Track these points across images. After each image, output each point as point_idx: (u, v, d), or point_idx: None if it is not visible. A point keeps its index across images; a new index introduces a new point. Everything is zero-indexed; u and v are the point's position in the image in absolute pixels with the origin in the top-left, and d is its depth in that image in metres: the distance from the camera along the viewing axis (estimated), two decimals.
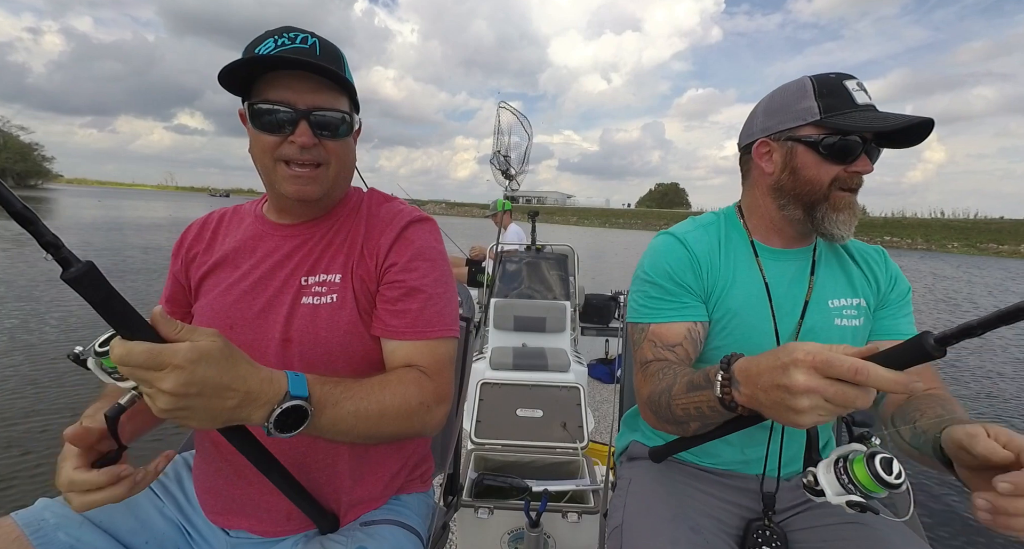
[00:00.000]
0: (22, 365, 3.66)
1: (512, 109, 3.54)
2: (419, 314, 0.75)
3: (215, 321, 0.75)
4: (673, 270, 0.84)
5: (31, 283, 6.23)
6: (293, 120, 0.70)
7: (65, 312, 5.02)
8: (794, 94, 0.79)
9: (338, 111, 0.73)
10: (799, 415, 0.51)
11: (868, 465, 0.51)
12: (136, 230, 15.79)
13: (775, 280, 0.84)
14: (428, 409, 0.71)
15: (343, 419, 0.62)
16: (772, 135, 0.81)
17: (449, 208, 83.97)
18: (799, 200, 0.80)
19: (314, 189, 0.74)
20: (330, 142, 0.73)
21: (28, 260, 7.71)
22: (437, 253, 0.81)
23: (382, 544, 0.74)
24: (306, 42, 0.71)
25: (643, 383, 0.80)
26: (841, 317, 0.83)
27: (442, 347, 0.77)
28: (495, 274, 3.23)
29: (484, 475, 1.45)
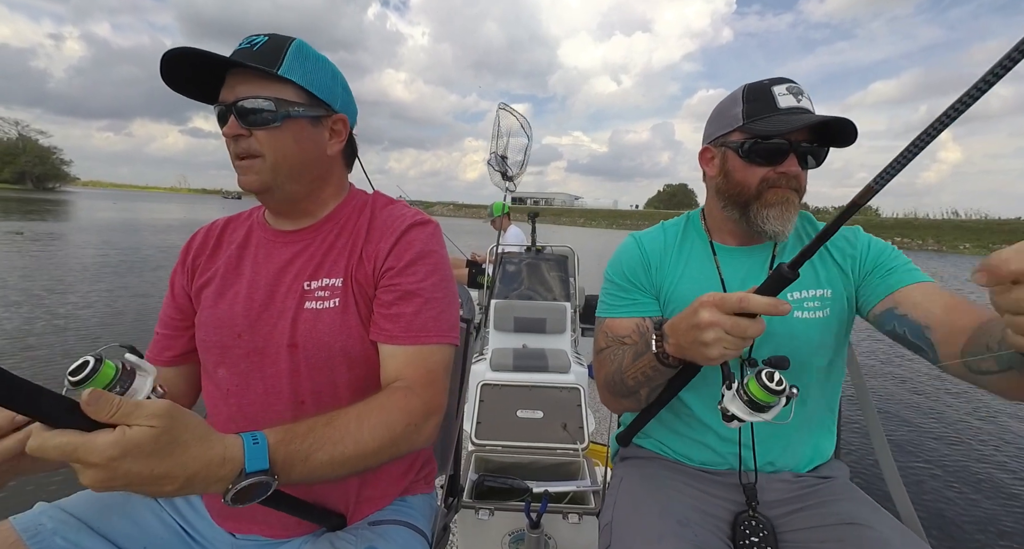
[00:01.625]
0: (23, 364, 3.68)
1: (512, 110, 3.55)
2: (414, 318, 0.74)
3: (228, 331, 0.76)
4: (626, 269, 0.93)
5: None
6: (226, 114, 0.72)
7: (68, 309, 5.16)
8: (729, 102, 0.85)
9: (263, 98, 0.71)
10: (708, 347, 0.61)
11: (758, 380, 0.61)
12: (153, 231, 16.43)
13: (731, 277, 0.88)
14: (416, 428, 0.69)
15: (317, 470, 0.59)
16: (712, 141, 0.87)
17: (457, 209, 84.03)
18: (734, 201, 0.85)
19: (251, 179, 0.74)
20: (260, 132, 0.72)
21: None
22: (438, 257, 0.80)
23: (391, 544, 0.75)
24: (253, 43, 0.72)
25: (599, 369, 0.90)
26: (802, 310, 0.84)
27: (436, 355, 0.75)
28: (495, 275, 3.24)
29: (485, 476, 1.45)
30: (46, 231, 13.97)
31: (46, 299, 5.74)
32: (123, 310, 5.51)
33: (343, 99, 0.81)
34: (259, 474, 0.53)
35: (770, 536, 0.80)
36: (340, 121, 0.80)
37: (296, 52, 0.74)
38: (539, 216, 3.54)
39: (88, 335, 4.59)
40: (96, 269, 8.14)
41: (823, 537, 0.77)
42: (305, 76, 0.74)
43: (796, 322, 0.84)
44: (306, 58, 0.75)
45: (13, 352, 4.00)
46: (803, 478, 0.88)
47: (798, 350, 0.82)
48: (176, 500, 0.80)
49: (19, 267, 7.80)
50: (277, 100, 0.72)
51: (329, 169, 0.82)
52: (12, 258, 8.64)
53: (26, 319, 4.94)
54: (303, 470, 0.58)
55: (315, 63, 0.76)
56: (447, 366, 0.77)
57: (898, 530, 0.75)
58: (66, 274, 7.46)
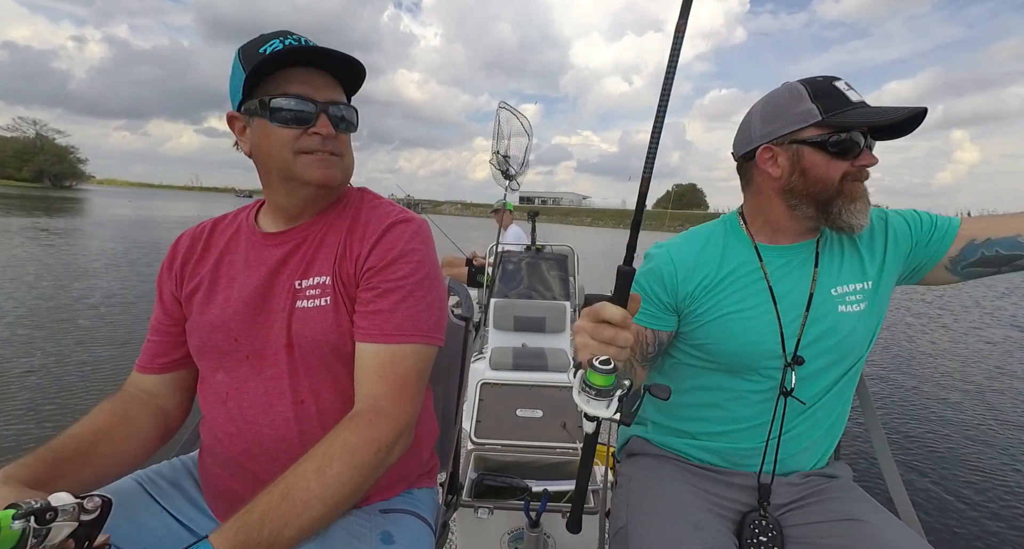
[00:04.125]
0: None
1: (511, 109, 3.55)
2: (390, 316, 0.73)
3: (224, 335, 0.76)
4: (647, 280, 0.92)
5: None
6: (314, 113, 0.74)
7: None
8: (789, 99, 0.82)
9: (350, 107, 0.78)
10: (579, 350, 0.64)
11: (592, 368, 0.63)
12: (169, 228, 16.82)
13: (778, 277, 0.87)
14: (387, 451, 0.68)
15: (293, 543, 0.58)
16: (775, 140, 0.83)
17: (464, 208, 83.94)
18: (812, 198, 0.82)
19: (336, 173, 0.77)
20: (344, 135, 0.78)
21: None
22: (421, 255, 0.78)
23: (404, 531, 0.77)
24: (309, 42, 0.73)
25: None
26: (844, 304, 0.86)
27: (409, 359, 0.72)
28: (495, 274, 3.24)
29: (484, 475, 1.45)
30: (70, 227, 14.69)
31: (73, 286, 6.52)
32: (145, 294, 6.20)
33: None
34: None
35: (778, 536, 0.81)
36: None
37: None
38: (546, 216, 3.54)
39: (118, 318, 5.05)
40: (114, 258, 8.96)
41: (825, 533, 0.78)
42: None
43: (840, 316, 0.85)
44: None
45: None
46: (810, 477, 0.90)
47: (841, 343, 0.85)
48: (174, 499, 0.80)
49: (49, 258, 8.49)
50: (356, 110, 0.80)
51: None
52: (39, 251, 9.32)
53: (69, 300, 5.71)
54: None
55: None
56: (422, 370, 0.74)
57: (898, 527, 0.77)
58: (89, 264, 8.28)
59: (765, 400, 0.86)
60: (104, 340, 4.34)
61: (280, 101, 0.72)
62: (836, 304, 0.85)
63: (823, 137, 0.79)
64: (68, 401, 3.12)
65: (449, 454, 1.10)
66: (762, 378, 0.86)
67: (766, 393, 0.86)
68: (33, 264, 7.84)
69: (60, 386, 3.34)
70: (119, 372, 3.60)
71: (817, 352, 0.84)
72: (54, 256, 8.86)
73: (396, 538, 0.75)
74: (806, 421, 0.87)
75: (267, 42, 0.72)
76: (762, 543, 0.80)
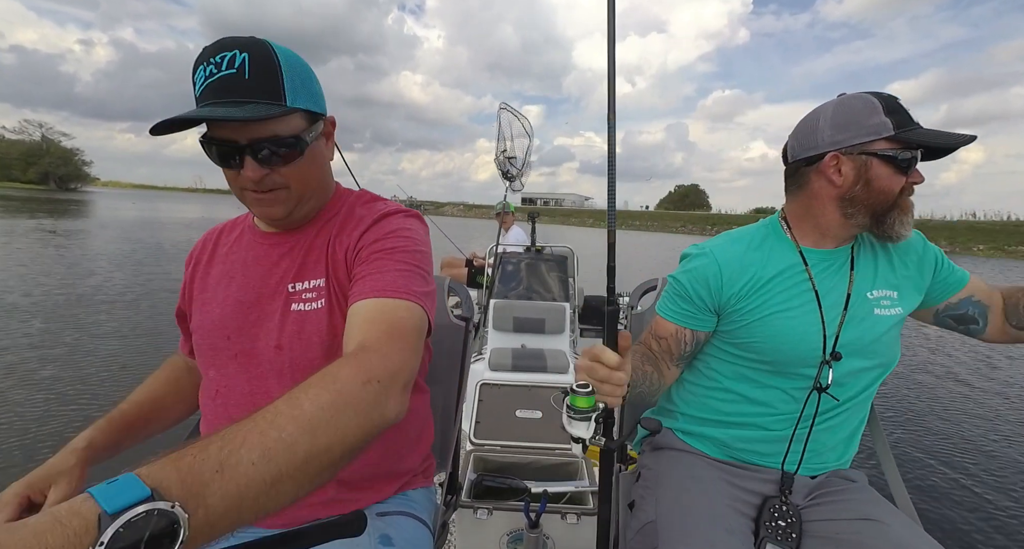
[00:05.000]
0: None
1: (513, 110, 3.55)
2: (381, 276, 0.68)
3: (214, 333, 0.76)
4: (690, 281, 0.94)
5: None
6: (236, 156, 0.67)
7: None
8: (863, 110, 0.83)
9: (284, 137, 0.68)
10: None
11: (573, 392, 0.70)
12: (173, 229, 17.24)
13: (820, 279, 0.90)
14: (381, 388, 0.52)
15: (253, 476, 0.39)
16: (843, 149, 0.84)
17: (467, 210, 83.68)
18: (870, 208, 0.85)
19: (278, 209, 0.73)
20: (283, 168, 0.70)
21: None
22: (417, 238, 0.75)
23: (402, 533, 0.76)
24: (234, 64, 0.64)
25: (634, 351, 0.93)
26: (879, 307, 0.89)
27: (401, 311, 0.64)
28: (494, 275, 3.22)
29: (483, 476, 1.44)
30: (76, 228, 15.05)
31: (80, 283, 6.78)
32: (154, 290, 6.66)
33: (322, 94, 0.76)
34: (135, 507, 0.33)
35: (796, 524, 0.83)
36: (330, 122, 0.77)
37: (288, 69, 0.68)
38: (548, 217, 3.54)
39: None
40: (117, 258, 9.32)
41: (841, 529, 0.80)
42: (307, 95, 0.70)
43: (876, 318, 0.88)
44: (295, 71, 0.69)
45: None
46: (830, 478, 0.92)
47: (875, 344, 0.87)
48: None
49: (58, 260, 8.75)
50: (297, 135, 0.69)
51: (329, 172, 0.81)
52: (49, 252, 9.65)
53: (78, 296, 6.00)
54: (229, 484, 0.38)
55: (302, 72, 0.70)
56: (417, 327, 0.65)
57: (911, 529, 0.79)
58: (97, 264, 8.56)
59: (799, 396, 0.88)
60: (113, 334, 4.65)
61: (208, 146, 0.69)
62: (872, 307, 0.88)
63: (893, 151, 0.81)
64: (86, 386, 3.46)
65: (448, 454, 1.09)
66: (800, 376, 0.88)
67: (802, 390, 0.88)
68: (43, 264, 8.11)
69: (78, 372, 3.69)
70: (128, 360, 3.98)
71: (852, 351, 0.86)
72: (62, 257, 9.12)
73: (395, 541, 0.74)
74: (835, 419, 0.89)
75: (198, 67, 0.65)
76: (780, 528, 0.82)
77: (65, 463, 0.68)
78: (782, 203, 0.99)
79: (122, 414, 0.79)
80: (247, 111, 0.63)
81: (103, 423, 0.76)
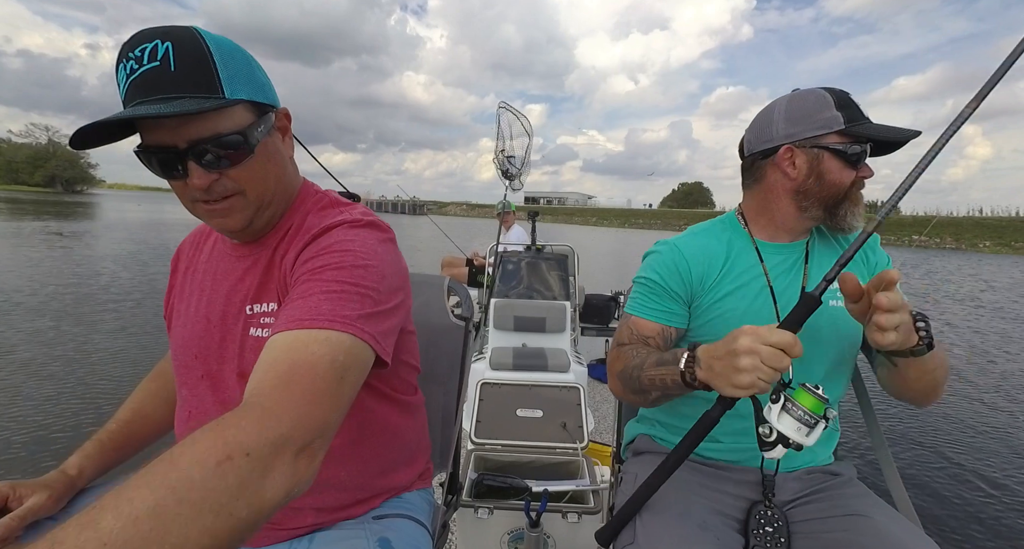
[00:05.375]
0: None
1: (512, 109, 3.54)
2: (301, 304, 0.54)
3: (185, 351, 0.72)
4: (664, 275, 0.92)
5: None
6: (178, 163, 0.58)
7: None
8: (815, 104, 0.85)
9: (228, 135, 0.58)
10: (740, 374, 0.63)
11: (811, 392, 0.63)
12: (179, 230, 17.24)
13: (776, 273, 0.90)
14: (253, 464, 0.40)
15: None
16: (796, 142, 0.86)
17: (470, 209, 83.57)
18: (823, 202, 0.86)
19: (235, 220, 0.64)
20: (233, 170, 0.60)
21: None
22: (363, 252, 0.61)
23: (400, 535, 0.74)
24: (156, 55, 0.54)
25: (616, 359, 0.90)
26: (835, 299, 0.88)
27: (318, 346, 0.50)
28: (495, 274, 3.22)
29: (484, 475, 1.43)
30: (82, 230, 15.18)
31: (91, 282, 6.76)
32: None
33: (271, 86, 0.66)
34: None
35: (783, 527, 0.81)
36: (283, 115, 0.68)
37: (222, 56, 0.58)
38: (551, 215, 3.53)
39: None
40: (123, 258, 9.40)
41: (830, 527, 0.79)
42: (249, 85, 0.61)
43: (831, 309, 0.88)
44: (231, 58, 0.59)
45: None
46: (814, 474, 0.91)
47: (832, 334, 0.87)
48: None
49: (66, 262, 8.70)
50: (243, 131, 0.59)
51: (293, 171, 0.72)
52: (56, 253, 9.65)
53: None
54: None
55: (239, 59, 0.61)
56: (337, 363, 0.51)
57: (901, 523, 0.78)
58: (103, 264, 8.57)
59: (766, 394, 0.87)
60: (120, 331, 4.74)
61: (144, 156, 0.59)
62: (827, 300, 0.88)
63: (844, 145, 0.83)
64: (92, 382, 3.53)
65: (449, 454, 1.08)
66: None
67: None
68: (51, 264, 8.16)
69: (85, 368, 3.77)
70: (135, 355, 4.06)
71: (809, 343, 0.85)
72: (69, 258, 9.19)
73: (394, 543, 0.72)
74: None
75: (119, 64, 0.56)
76: (768, 533, 0.80)
77: (53, 481, 0.68)
78: None
79: (110, 436, 0.77)
80: (177, 106, 0.53)
81: (92, 449, 0.75)
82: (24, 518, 0.63)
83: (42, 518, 0.66)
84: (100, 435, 0.77)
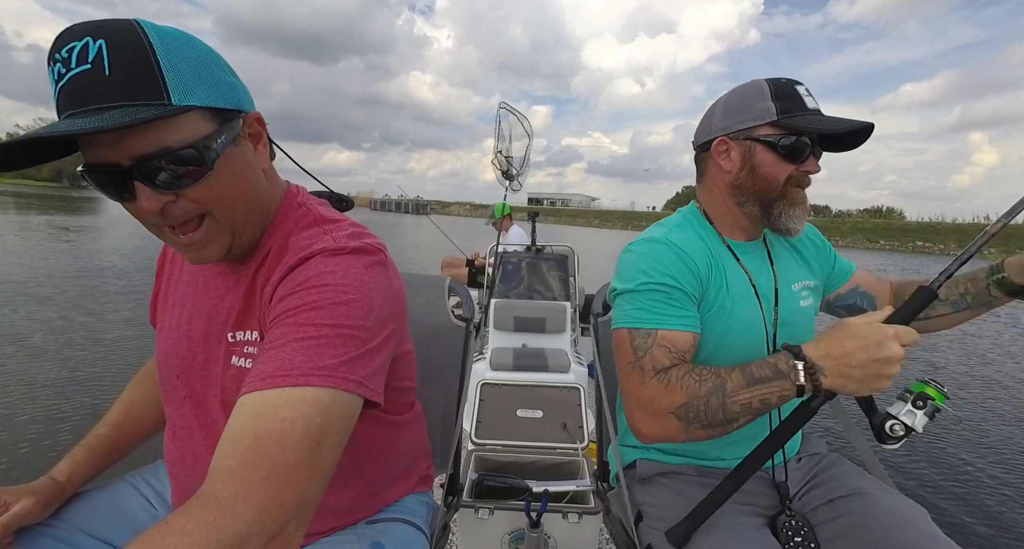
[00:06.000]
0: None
1: (512, 109, 3.52)
2: (269, 358, 0.49)
3: (168, 368, 0.67)
4: (674, 277, 0.79)
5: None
6: (124, 183, 0.49)
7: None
8: (752, 95, 0.80)
9: (180, 148, 0.48)
10: (889, 380, 0.62)
11: (935, 387, 0.65)
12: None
13: (752, 273, 0.86)
14: None
15: None
16: (730, 134, 0.82)
17: (474, 209, 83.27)
18: (757, 197, 0.82)
19: (212, 251, 0.56)
20: (191, 190, 0.51)
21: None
22: (345, 285, 0.53)
23: (393, 540, 0.71)
24: (86, 57, 0.44)
25: (667, 392, 0.72)
26: (802, 299, 0.89)
27: (292, 409, 0.45)
28: (495, 275, 3.20)
29: (484, 475, 1.41)
30: (87, 224, 15.44)
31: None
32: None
33: (240, 88, 0.56)
34: None
35: (809, 532, 0.78)
36: (255, 121, 0.58)
37: (169, 54, 0.48)
38: (554, 217, 3.51)
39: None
40: (134, 252, 9.59)
41: (839, 511, 0.78)
42: (205, 87, 0.50)
43: (801, 311, 0.88)
44: (181, 56, 0.49)
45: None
46: (802, 459, 0.90)
47: (804, 336, 0.85)
48: (170, 502, 0.77)
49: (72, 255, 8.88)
50: (196, 143, 0.49)
51: (268, 185, 0.62)
52: (63, 246, 9.82)
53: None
54: None
55: (193, 57, 0.50)
56: (313, 426, 0.45)
57: (893, 496, 0.79)
58: (109, 258, 8.78)
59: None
60: (128, 321, 4.90)
61: (89, 176, 0.50)
62: (798, 299, 0.88)
63: (775, 137, 0.78)
64: (100, 371, 3.63)
65: (449, 455, 1.07)
66: None
67: None
68: (59, 257, 8.33)
69: (93, 356, 3.91)
70: (144, 343, 4.20)
71: (788, 340, 0.83)
72: (76, 251, 9.34)
73: (387, 547, 0.70)
74: (787, 409, 0.85)
75: (48, 64, 0.47)
76: (798, 544, 0.78)
77: (41, 487, 0.66)
78: None
79: (100, 440, 0.75)
80: (105, 120, 0.43)
81: (81, 455, 0.72)
82: (8, 525, 0.60)
83: (29, 524, 0.64)
84: (89, 440, 0.74)
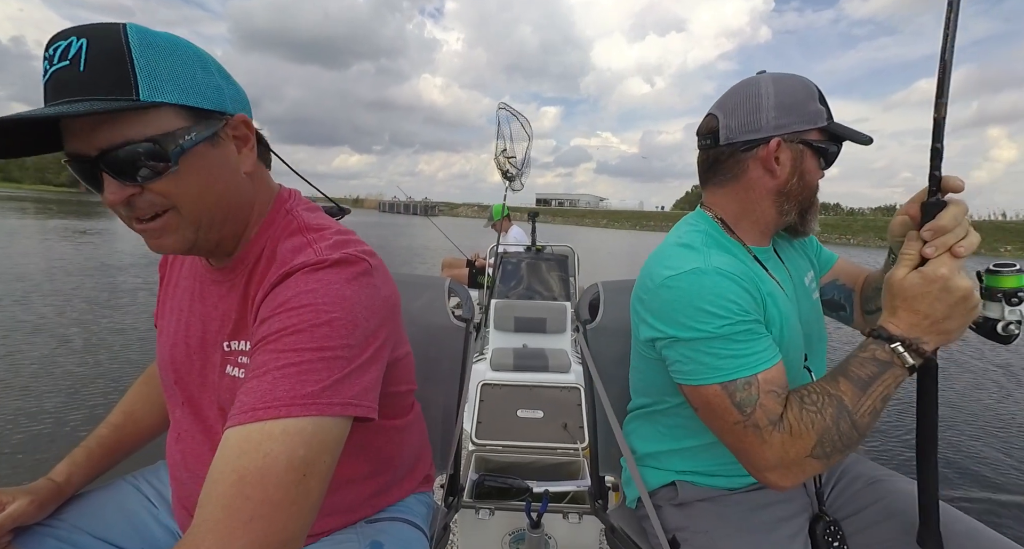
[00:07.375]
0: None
1: (511, 110, 3.48)
2: (251, 388, 0.47)
3: (166, 374, 0.66)
4: (744, 309, 0.67)
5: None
6: (94, 174, 0.50)
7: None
8: (803, 94, 0.71)
9: (140, 141, 0.48)
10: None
11: (1007, 273, 0.60)
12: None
13: (779, 278, 0.80)
14: None
15: None
16: (786, 135, 0.71)
17: (481, 210, 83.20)
18: (799, 205, 0.75)
19: (169, 241, 0.54)
20: (155, 183, 0.50)
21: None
22: (326, 304, 0.51)
23: (393, 539, 0.69)
24: (67, 54, 0.47)
25: (793, 440, 0.62)
26: (812, 292, 0.85)
27: (273, 444, 0.44)
28: (495, 275, 3.16)
29: (485, 476, 1.38)
30: (102, 228, 15.50)
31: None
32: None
33: (229, 92, 0.56)
34: None
35: (843, 536, 0.76)
36: (242, 123, 0.57)
37: (144, 53, 0.48)
38: (562, 217, 3.47)
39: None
40: (150, 254, 10.00)
41: (862, 502, 0.77)
42: (178, 85, 0.50)
43: (815, 303, 0.84)
44: (157, 55, 0.49)
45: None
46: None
47: (822, 328, 0.84)
48: (170, 501, 0.75)
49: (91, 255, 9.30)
50: (160, 137, 0.49)
51: (251, 188, 0.60)
52: (82, 249, 10.13)
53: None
54: None
55: (170, 57, 0.50)
56: (300, 458, 0.44)
57: (897, 475, 0.78)
58: (124, 259, 8.99)
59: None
60: (134, 321, 5.04)
61: (68, 165, 0.51)
62: (810, 293, 0.84)
63: (825, 143, 0.72)
64: (113, 363, 3.80)
65: (450, 455, 1.04)
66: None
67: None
68: (77, 259, 8.58)
69: (107, 350, 4.09)
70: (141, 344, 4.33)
71: (815, 342, 0.81)
72: (94, 253, 9.57)
73: (386, 547, 0.68)
74: None
75: (43, 59, 0.49)
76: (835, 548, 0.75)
77: (39, 488, 0.65)
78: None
79: (100, 442, 0.73)
80: (73, 109, 0.45)
81: (80, 456, 0.71)
82: (3, 525, 0.60)
83: (25, 524, 0.63)
84: (89, 442, 0.73)
